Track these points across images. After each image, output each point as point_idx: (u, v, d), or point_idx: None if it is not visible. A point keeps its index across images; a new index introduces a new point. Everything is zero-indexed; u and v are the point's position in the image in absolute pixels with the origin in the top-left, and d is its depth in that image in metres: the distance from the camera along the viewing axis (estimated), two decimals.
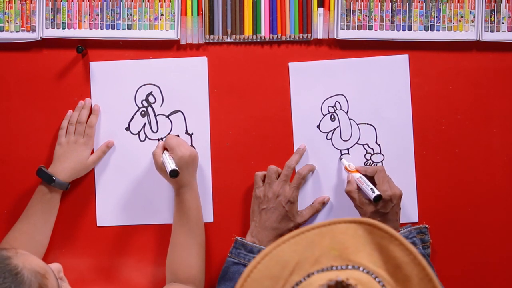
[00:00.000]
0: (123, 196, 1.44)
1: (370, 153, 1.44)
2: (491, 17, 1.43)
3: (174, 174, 1.30)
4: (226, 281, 1.34)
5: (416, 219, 1.44)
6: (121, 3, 1.43)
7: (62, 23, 1.43)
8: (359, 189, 1.36)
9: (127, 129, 1.45)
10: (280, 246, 0.84)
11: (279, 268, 0.82)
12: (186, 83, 1.45)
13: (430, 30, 1.43)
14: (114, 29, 1.43)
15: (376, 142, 1.45)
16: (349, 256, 0.81)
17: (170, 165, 1.31)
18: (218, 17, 1.44)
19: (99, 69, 1.44)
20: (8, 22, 1.43)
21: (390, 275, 0.80)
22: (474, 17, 1.43)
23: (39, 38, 1.43)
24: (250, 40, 1.44)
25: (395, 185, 1.37)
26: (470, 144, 1.45)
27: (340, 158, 1.44)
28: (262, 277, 0.82)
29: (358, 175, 1.38)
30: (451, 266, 1.44)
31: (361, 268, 0.80)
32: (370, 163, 1.44)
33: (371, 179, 1.37)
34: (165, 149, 1.37)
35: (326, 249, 0.82)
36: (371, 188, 1.33)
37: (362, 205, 1.34)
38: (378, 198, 1.31)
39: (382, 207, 1.32)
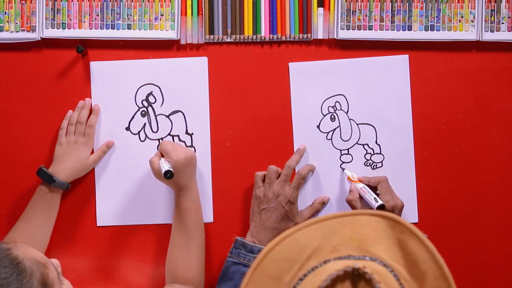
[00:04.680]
0: (123, 196, 1.44)
1: (370, 153, 1.44)
2: (491, 17, 1.43)
3: (168, 175, 1.30)
4: (226, 281, 1.34)
5: (416, 219, 1.44)
6: (121, 3, 1.43)
7: (62, 23, 1.43)
8: (361, 198, 1.36)
9: (127, 129, 1.45)
10: (300, 230, 0.84)
11: (297, 251, 0.83)
12: (186, 83, 1.45)
13: (430, 30, 1.43)
14: (114, 29, 1.43)
15: (376, 142, 1.45)
16: (368, 247, 0.82)
17: (164, 167, 1.31)
18: (218, 17, 1.44)
19: (99, 69, 1.44)
20: (8, 22, 1.43)
21: (407, 270, 0.81)
22: (474, 17, 1.43)
23: (39, 38, 1.43)
24: (250, 40, 1.44)
25: (397, 196, 1.37)
26: (470, 144, 1.45)
27: (343, 169, 1.44)
28: (279, 259, 0.83)
29: (361, 185, 1.38)
30: (451, 266, 1.43)
31: (378, 261, 0.81)
32: (370, 163, 1.44)
33: (374, 189, 1.37)
34: (162, 155, 1.37)
35: (345, 239, 0.83)
36: (374, 198, 1.33)
37: None
38: (381, 207, 1.31)
39: None
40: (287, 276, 0.82)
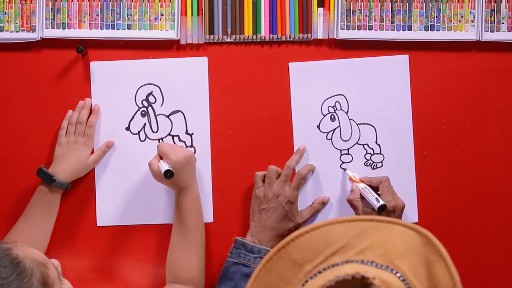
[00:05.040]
0: (123, 196, 1.44)
1: (370, 153, 1.44)
2: (491, 17, 1.43)
3: (168, 175, 1.30)
4: (226, 281, 1.34)
5: (416, 219, 1.44)
6: (121, 3, 1.43)
7: (62, 23, 1.43)
8: (362, 198, 1.36)
9: (127, 129, 1.45)
10: (334, 224, 0.83)
11: (324, 244, 0.82)
12: (186, 83, 1.45)
13: (430, 30, 1.43)
14: (114, 29, 1.43)
15: (376, 142, 1.45)
16: (393, 259, 0.81)
17: (164, 167, 1.31)
18: (218, 17, 1.44)
19: (99, 69, 1.44)
20: (8, 22, 1.43)
21: None
22: (474, 17, 1.43)
23: (39, 38, 1.43)
24: (250, 40, 1.44)
25: (399, 197, 1.37)
26: (470, 144, 1.45)
27: (344, 169, 1.43)
28: (305, 246, 0.82)
29: (362, 185, 1.37)
30: None
31: (398, 274, 0.80)
32: (370, 163, 1.44)
33: (375, 190, 1.37)
34: (161, 158, 1.37)
35: (375, 244, 0.82)
36: (375, 198, 1.33)
37: (364, 214, 1.34)
38: (383, 207, 1.30)
39: None
40: (308, 265, 0.81)
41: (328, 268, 0.80)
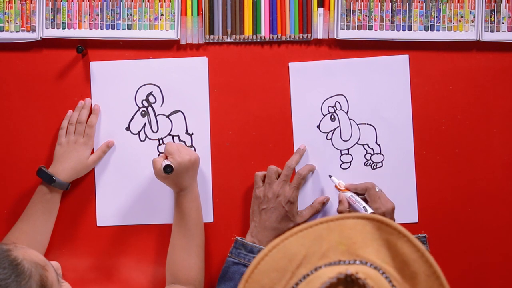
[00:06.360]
0: (123, 196, 1.44)
1: (370, 153, 1.44)
2: (491, 17, 1.43)
3: (168, 170, 1.30)
4: (226, 281, 1.34)
5: (416, 219, 1.44)
6: (121, 3, 1.43)
7: (62, 23, 1.43)
8: (351, 207, 1.35)
9: (127, 129, 1.45)
10: (287, 239, 0.84)
11: (286, 260, 0.83)
12: (186, 83, 1.45)
13: (430, 30, 1.43)
14: (114, 29, 1.43)
15: (376, 142, 1.45)
16: (357, 251, 0.82)
17: (165, 162, 1.31)
18: (218, 17, 1.44)
19: (99, 69, 1.44)
20: (8, 22, 1.43)
21: (398, 272, 0.81)
22: (474, 17, 1.43)
23: (39, 38, 1.43)
24: (250, 40, 1.44)
25: (387, 198, 1.35)
26: (470, 144, 1.45)
27: (330, 176, 1.43)
28: (269, 269, 0.83)
29: (349, 193, 1.36)
30: (450, 266, 1.44)
31: (368, 264, 0.80)
32: (370, 163, 1.44)
33: (363, 195, 1.36)
34: (166, 157, 1.37)
35: (334, 244, 0.82)
36: (363, 207, 1.31)
37: None
38: None
39: None
40: (278, 285, 0.82)
41: (300, 282, 0.81)
